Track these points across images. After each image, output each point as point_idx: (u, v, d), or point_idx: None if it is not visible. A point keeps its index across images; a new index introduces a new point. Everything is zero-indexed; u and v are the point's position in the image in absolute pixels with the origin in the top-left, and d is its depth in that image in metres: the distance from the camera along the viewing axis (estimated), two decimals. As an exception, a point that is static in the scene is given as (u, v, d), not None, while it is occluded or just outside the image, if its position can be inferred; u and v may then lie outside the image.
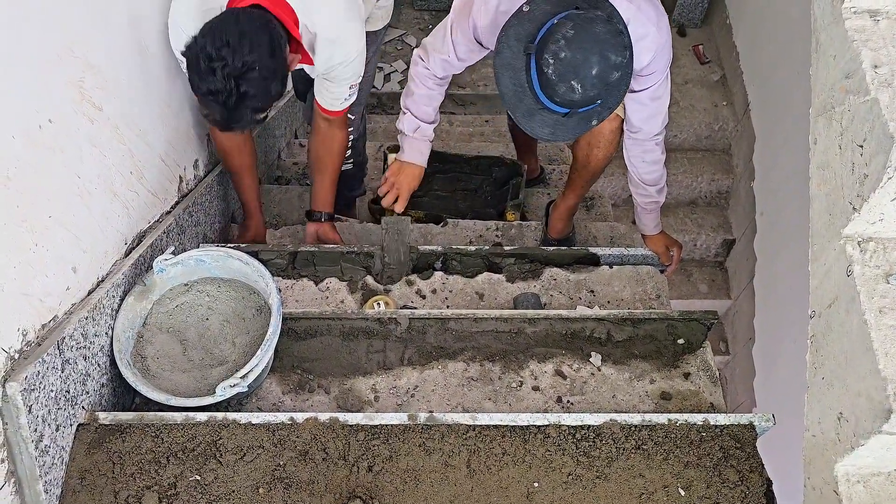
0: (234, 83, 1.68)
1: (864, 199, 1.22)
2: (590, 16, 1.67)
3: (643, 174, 2.16)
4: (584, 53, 1.64)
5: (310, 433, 1.59)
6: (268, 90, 1.74)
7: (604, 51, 1.66)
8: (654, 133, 2.06)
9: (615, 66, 1.67)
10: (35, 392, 1.41)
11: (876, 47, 1.24)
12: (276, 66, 1.74)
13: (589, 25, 1.65)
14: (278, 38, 1.76)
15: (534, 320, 1.94)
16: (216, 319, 1.85)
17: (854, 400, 1.23)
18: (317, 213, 2.39)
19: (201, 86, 1.72)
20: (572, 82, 1.67)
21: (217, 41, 1.67)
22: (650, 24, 1.83)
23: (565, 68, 1.66)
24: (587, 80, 1.66)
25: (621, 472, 1.55)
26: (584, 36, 1.64)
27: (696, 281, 4.06)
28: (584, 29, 1.65)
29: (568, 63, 1.65)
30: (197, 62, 1.70)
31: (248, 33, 1.68)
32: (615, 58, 1.67)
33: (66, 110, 1.57)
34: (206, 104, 1.76)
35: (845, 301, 1.28)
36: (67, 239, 1.57)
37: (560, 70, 1.67)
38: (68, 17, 1.57)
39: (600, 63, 1.65)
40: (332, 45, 1.95)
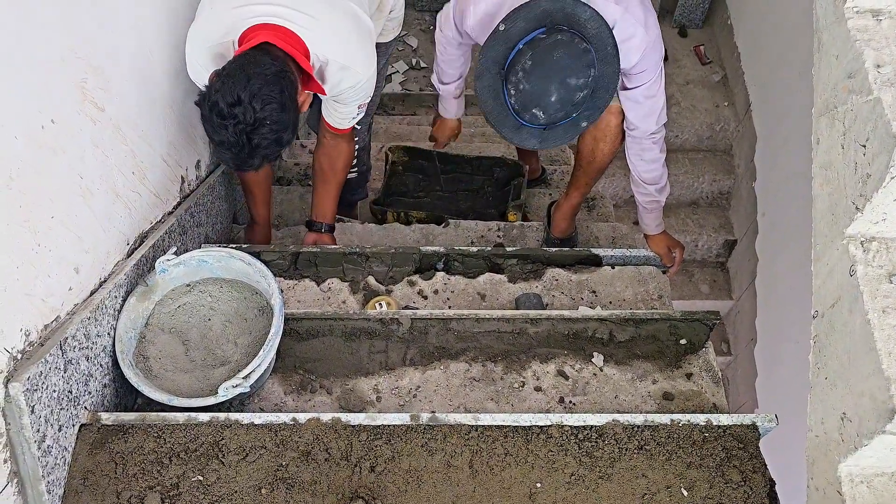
0: (246, 138, 1.70)
1: (866, 198, 1.22)
2: (550, 41, 1.73)
3: (642, 172, 2.18)
4: (543, 84, 1.73)
5: (312, 433, 1.59)
6: (279, 141, 1.76)
7: (563, 78, 1.73)
8: (651, 131, 2.07)
9: (577, 88, 1.75)
10: (38, 392, 1.41)
11: (878, 47, 1.24)
12: (287, 119, 1.75)
13: (548, 54, 1.72)
14: (290, 89, 1.76)
15: (536, 321, 1.94)
16: (218, 320, 1.85)
17: (857, 400, 1.23)
18: (317, 223, 2.39)
19: (214, 136, 1.75)
20: (534, 111, 1.77)
21: (228, 97, 1.68)
22: (638, 25, 1.86)
23: (526, 99, 1.76)
24: (549, 106, 1.75)
25: (624, 473, 1.55)
26: (541, 66, 1.73)
27: (698, 281, 4.06)
28: (542, 58, 1.72)
29: (528, 94, 1.75)
30: (210, 115, 1.72)
31: (259, 91, 1.68)
32: (576, 81, 1.74)
33: (68, 111, 1.57)
34: (219, 152, 1.79)
35: (848, 301, 1.28)
36: (70, 239, 1.57)
37: (521, 100, 1.77)
38: (71, 18, 1.57)
39: (559, 90, 1.74)
40: (343, 71, 1.95)
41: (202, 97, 1.75)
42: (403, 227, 2.60)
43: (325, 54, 1.89)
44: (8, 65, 1.35)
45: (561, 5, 1.78)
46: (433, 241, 2.54)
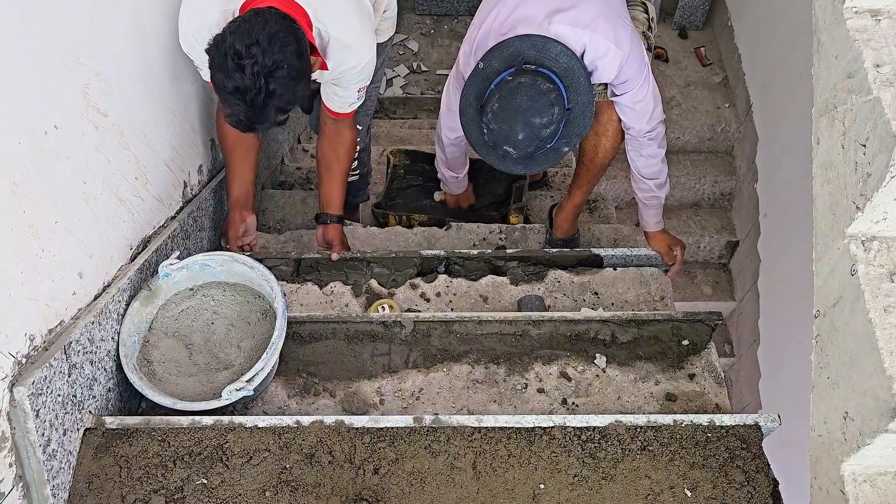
0: (263, 81, 1.67)
1: (867, 198, 1.22)
2: (514, 84, 1.84)
3: (640, 168, 2.21)
4: (509, 124, 1.85)
5: (315, 436, 1.60)
6: (294, 90, 1.74)
7: (527, 118, 1.84)
8: (645, 131, 2.13)
9: (542, 126, 1.85)
10: (42, 396, 1.42)
11: (878, 46, 1.25)
12: (302, 67, 1.75)
13: (511, 97, 1.84)
14: (304, 41, 1.77)
15: (538, 322, 1.94)
16: (221, 324, 1.86)
17: (860, 399, 1.23)
18: (324, 215, 2.37)
19: (227, 83, 1.70)
20: (505, 147, 1.89)
21: (246, 39, 1.67)
22: (608, 43, 1.93)
23: (496, 137, 1.89)
24: (518, 143, 1.87)
25: (627, 474, 1.55)
26: (506, 109, 1.85)
27: (700, 283, 4.06)
28: (507, 102, 1.84)
29: (498, 133, 1.88)
30: (224, 60, 1.69)
31: (277, 33, 1.69)
32: (539, 120, 1.84)
33: (71, 117, 1.58)
34: (231, 103, 1.74)
35: (850, 300, 1.28)
36: (73, 244, 1.58)
37: (493, 139, 1.90)
38: (74, 24, 1.58)
39: (524, 129, 1.85)
40: (345, 51, 1.96)
41: (213, 44, 1.72)
42: (405, 231, 2.61)
43: (328, 31, 1.91)
44: (11, 70, 1.36)
45: (531, 43, 1.88)
46: (435, 244, 2.54)
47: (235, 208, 2.30)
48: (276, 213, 2.96)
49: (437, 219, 2.74)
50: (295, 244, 2.58)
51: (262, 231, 2.78)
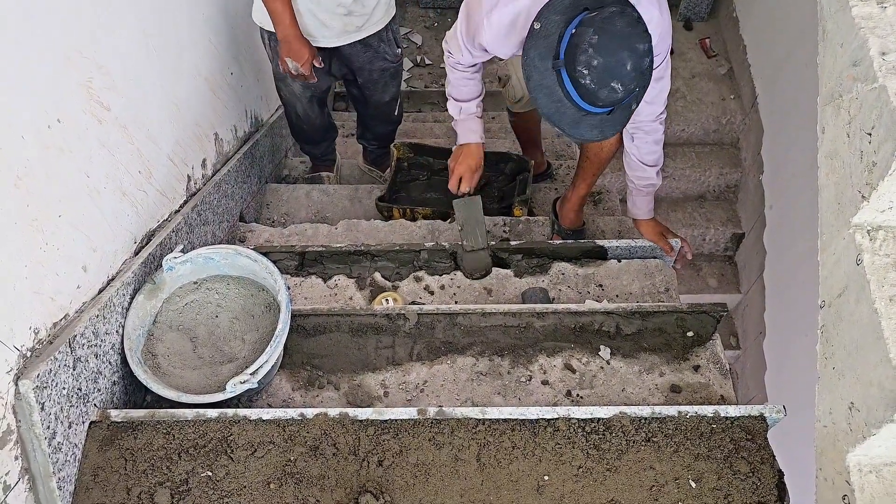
0: None
1: (873, 187, 1.21)
2: (605, 15, 1.68)
3: (645, 155, 2.18)
4: (616, 54, 1.65)
5: (320, 428, 1.60)
6: None
7: (632, 44, 1.66)
8: (658, 112, 2.09)
9: (645, 53, 1.69)
10: (47, 389, 1.42)
11: (883, 34, 1.23)
12: None
13: (609, 25, 1.66)
14: None
15: (542, 314, 1.94)
16: (226, 317, 1.86)
17: (865, 389, 1.23)
18: None
19: None
20: (612, 84, 1.68)
21: None
22: (654, 8, 1.85)
23: (602, 74, 1.67)
24: (625, 77, 1.68)
25: (632, 465, 1.55)
26: (608, 38, 1.65)
27: (706, 275, 4.05)
28: (606, 31, 1.65)
29: (603, 69, 1.67)
30: None
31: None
32: (642, 45, 1.68)
33: (74, 110, 1.58)
34: None
35: (855, 290, 1.27)
36: (77, 238, 1.59)
37: (598, 77, 1.68)
38: (76, 18, 1.58)
39: (632, 57, 1.66)
40: None
41: None
42: (409, 224, 2.61)
43: None
44: (14, 65, 1.36)
45: None
46: (439, 237, 2.54)
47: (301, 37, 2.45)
48: (280, 206, 2.96)
49: (441, 212, 2.73)
50: (299, 238, 2.58)
51: (265, 225, 2.78)
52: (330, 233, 2.59)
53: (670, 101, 4.00)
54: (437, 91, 4.34)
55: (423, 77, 4.54)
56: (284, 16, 2.39)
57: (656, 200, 3.98)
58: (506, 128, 3.77)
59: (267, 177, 3.08)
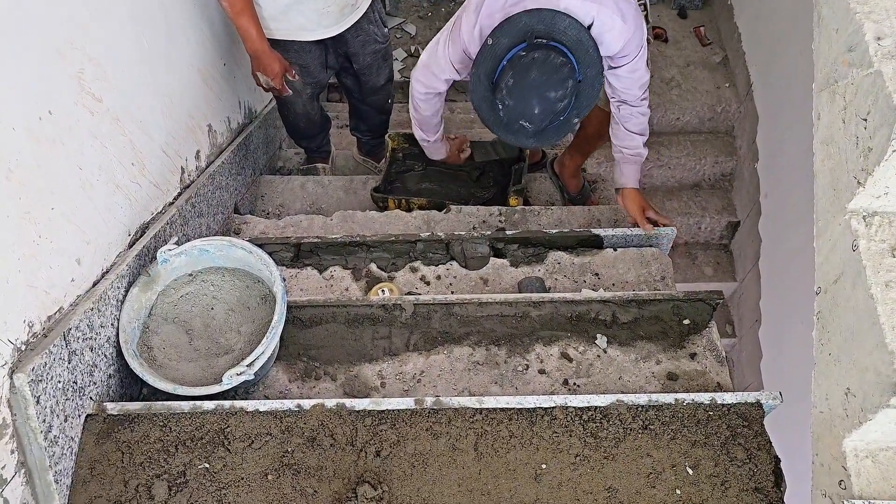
0: None
1: (868, 172, 1.21)
2: (528, 60, 1.85)
3: (631, 125, 2.25)
4: (525, 100, 1.87)
5: (317, 419, 1.60)
6: None
7: (542, 92, 1.86)
8: (637, 96, 2.19)
9: (557, 99, 1.88)
10: (42, 383, 1.42)
11: (879, 19, 1.23)
12: None
13: (526, 73, 1.85)
14: None
15: (539, 304, 1.94)
16: (221, 309, 1.86)
17: (861, 375, 1.23)
18: None
19: None
20: (521, 122, 1.91)
21: None
22: (615, 17, 1.96)
23: (512, 113, 1.90)
24: (533, 118, 1.89)
25: (629, 453, 1.55)
26: (521, 84, 1.86)
27: (701, 264, 4.05)
28: (521, 77, 1.86)
29: (513, 109, 1.89)
30: None
31: None
32: (554, 94, 1.87)
33: (66, 102, 1.56)
34: None
35: (851, 276, 1.27)
36: (71, 231, 1.58)
37: (508, 114, 1.92)
38: (68, 9, 1.57)
39: (541, 104, 1.87)
40: None
41: None
42: (405, 214, 2.60)
43: None
44: (4, 56, 1.34)
45: (539, 18, 1.89)
46: (434, 227, 2.53)
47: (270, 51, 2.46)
48: (274, 198, 2.95)
49: (437, 202, 2.73)
50: (294, 229, 2.57)
51: (260, 216, 2.77)
52: (325, 224, 2.58)
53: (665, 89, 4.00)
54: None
55: (417, 67, 4.51)
56: (251, 31, 2.37)
57: (651, 189, 4.01)
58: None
59: (261, 168, 3.07)
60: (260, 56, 2.44)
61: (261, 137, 3.05)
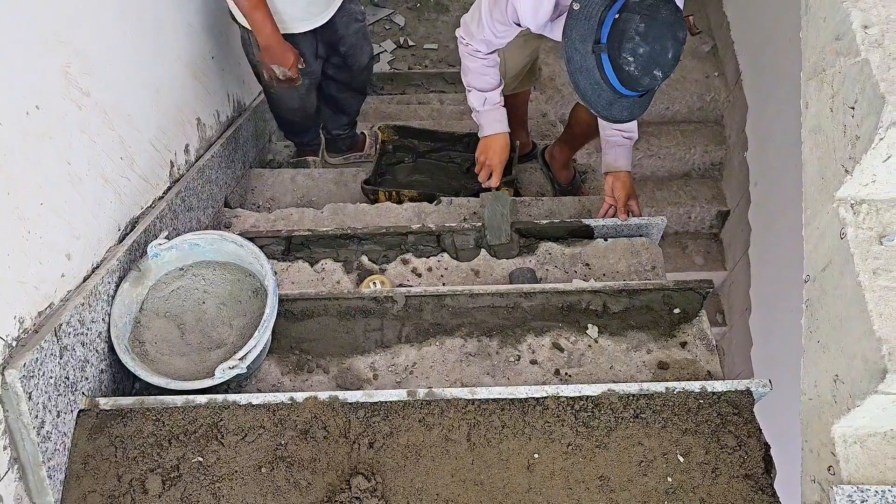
0: None
1: (856, 160, 1.22)
2: (650, 2, 1.70)
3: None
4: (662, 42, 1.70)
5: (310, 412, 1.60)
6: None
7: (675, 32, 1.71)
8: None
9: (683, 40, 1.74)
10: (34, 379, 1.41)
11: (866, 7, 1.24)
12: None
13: (656, 13, 1.69)
14: None
15: (530, 294, 1.94)
16: (212, 303, 1.85)
17: (849, 362, 1.24)
18: None
19: None
20: (654, 72, 1.74)
21: None
22: None
23: (647, 62, 1.72)
24: (666, 65, 1.74)
25: (620, 441, 1.56)
26: (655, 27, 1.69)
27: (692, 253, 4.07)
28: (653, 19, 1.69)
29: (648, 57, 1.71)
30: None
31: None
32: (682, 33, 1.73)
33: (53, 97, 1.56)
34: None
35: (839, 264, 1.28)
36: (60, 226, 1.57)
37: (643, 64, 1.73)
38: (54, 2, 1.56)
39: (674, 46, 1.72)
40: None
41: None
42: (395, 206, 2.60)
43: None
44: (-10, 50, 1.34)
45: None
46: (425, 219, 2.53)
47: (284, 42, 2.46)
48: (265, 191, 2.95)
49: (428, 194, 2.72)
50: (285, 222, 2.57)
51: (251, 210, 2.77)
52: (316, 217, 2.58)
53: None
54: (421, 73, 4.32)
55: (406, 59, 4.50)
56: (266, 23, 2.37)
57: (642, 179, 4.01)
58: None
59: (251, 161, 3.06)
60: (275, 48, 2.44)
61: (250, 130, 3.03)
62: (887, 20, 1.21)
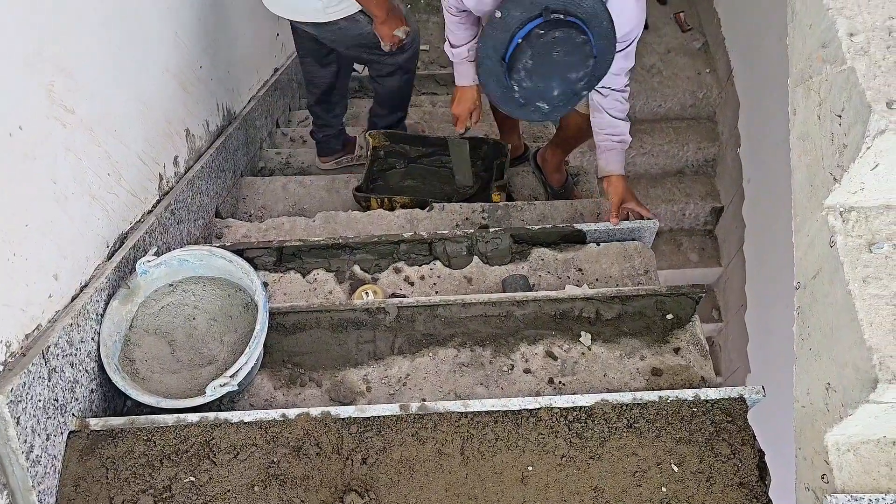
0: None
1: (844, 169, 1.21)
2: (548, 39, 1.74)
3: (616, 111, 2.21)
4: (546, 82, 1.78)
5: (302, 429, 1.59)
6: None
7: (564, 74, 1.77)
8: (623, 83, 2.15)
9: (578, 79, 1.79)
10: (22, 403, 1.40)
11: (851, 15, 1.23)
12: None
13: (547, 54, 1.75)
14: None
15: (522, 303, 1.93)
16: (203, 319, 1.84)
17: (841, 370, 1.23)
18: None
19: None
20: (537, 104, 1.83)
21: None
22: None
23: (529, 95, 1.82)
24: (551, 100, 1.82)
25: (614, 452, 1.56)
26: (543, 66, 1.76)
27: (687, 250, 4.07)
28: (542, 58, 1.75)
29: (531, 91, 1.81)
30: None
31: None
32: (576, 74, 1.78)
33: (36, 116, 1.54)
34: None
35: (829, 272, 1.28)
36: (46, 246, 1.56)
37: (525, 96, 1.83)
38: (34, 19, 1.54)
39: (561, 85, 1.79)
40: None
41: None
42: (388, 214, 2.59)
43: None
44: (-32, 74, 1.32)
45: None
46: (417, 226, 2.52)
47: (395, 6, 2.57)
48: (256, 200, 2.93)
49: (420, 200, 2.71)
50: (277, 232, 2.55)
51: (242, 219, 2.76)
52: (308, 226, 2.57)
53: (646, 77, 3.99)
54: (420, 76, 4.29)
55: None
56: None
57: (635, 177, 4.01)
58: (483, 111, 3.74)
59: (242, 170, 3.04)
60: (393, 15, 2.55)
61: (241, 139, 3.02)
62: (873, 28, 1.20)
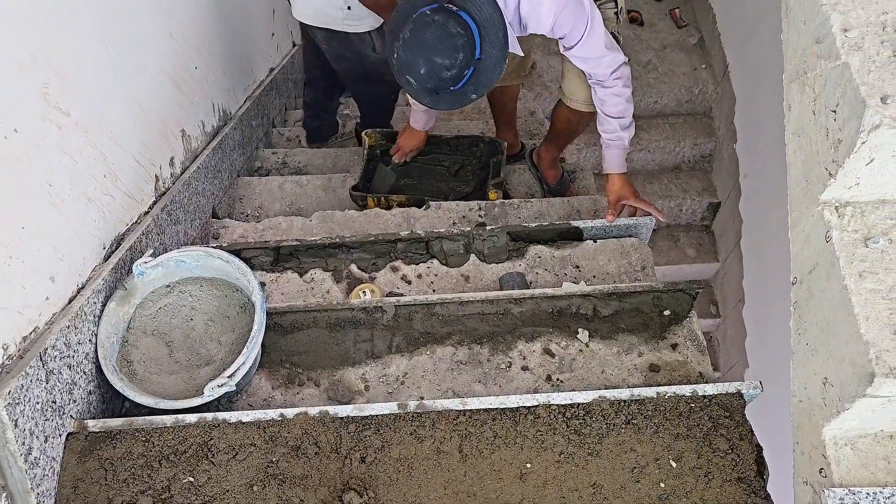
0: None
1: (839, 164, 1.21)
2: (427, 20, 1.85)
3: (608, 107, 2.22)
4: (413, 56, 1.88)
5: (301, 428, 1.59)
6: None
7: (428, 55, 1.87)
8: (609, 74, 2.15)
9: (444, 67, 1.88)
10: (20, 405, 1.40)
11: (845, 10, 1.23)
12: None
13: (421, 32, 1.86)
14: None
15: (520, 300, 1.93)
16: (200, 319, 1.84)
17: (838, 365, 1.24)
18: None
19: None
20: (406, 76, 1.92)
21: None
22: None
23: (400, 65, 1.91)
24: (418, 76, 1.90)
25: (613, 448, 1.56)
26: (413, 41, 1.87)
27: (684, 245, 4.07)
28: (415, 34, 1.87)
29: (402, 61, 1.90)
30: None
31: None
32: (441, 60, 1.87)
33: (32, 119, 1.54)
34: None
35: (825, 267, 1.28)
36: (43, 249, 1.56)
37: (398, 66, 1.93)
38: (29, 22, 1.54)
39: (426, 65, 1.88)
40: None
41: None
42: (384, 213, 2.59)
43: None
44: (-38, 77, 1.32)
45: None
46: (414, 224, 2.52)
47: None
48: (253, 200, 2.93)
49: (416, 199, 2.71)
50: (273, 231, 2.55)
51: (239, 220, 2.75)
52: (304, 225, 2.56)
53: (642, 73, 3.99)
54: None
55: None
56: None
57: (632, 173, 4.00)
58: (479, 108, 3.75)
59: (239, 170, 3.04)
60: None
61: (237, 139, 3.02)
62: (867, 23, 1.20)
